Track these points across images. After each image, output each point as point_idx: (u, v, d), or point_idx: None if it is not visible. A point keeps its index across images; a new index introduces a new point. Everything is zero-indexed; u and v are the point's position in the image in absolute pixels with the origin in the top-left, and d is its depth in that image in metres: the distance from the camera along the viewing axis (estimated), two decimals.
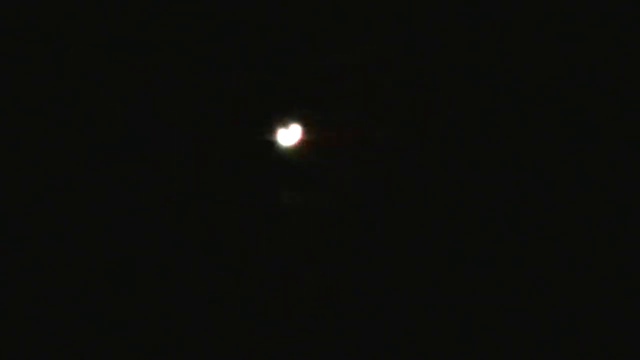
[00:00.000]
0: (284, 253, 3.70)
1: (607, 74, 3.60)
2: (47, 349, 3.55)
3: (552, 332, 3.47)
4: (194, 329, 3.61)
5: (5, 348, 3.54)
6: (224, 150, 3.75)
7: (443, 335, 3.53)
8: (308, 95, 3.74)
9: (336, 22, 3.72)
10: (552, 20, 3.63)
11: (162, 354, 3.59)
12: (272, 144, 3.70)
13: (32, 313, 3.58)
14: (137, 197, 3.70)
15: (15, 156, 3.68)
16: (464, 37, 3.67)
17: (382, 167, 3.71)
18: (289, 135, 3.70)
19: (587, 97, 3.61)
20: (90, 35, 3.71)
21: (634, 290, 3.47)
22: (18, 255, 3.63)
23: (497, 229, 3.60)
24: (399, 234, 3.66)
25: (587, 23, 3.61)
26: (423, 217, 3.65)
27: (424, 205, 3.66)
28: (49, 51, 3.71)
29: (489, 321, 3.51)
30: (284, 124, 3.67)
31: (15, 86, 3.70)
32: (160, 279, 3.66)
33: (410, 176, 3.69)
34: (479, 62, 3.68)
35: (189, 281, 3.67)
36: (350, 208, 3.72)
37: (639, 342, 3.41)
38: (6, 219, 3.65)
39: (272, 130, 3.69)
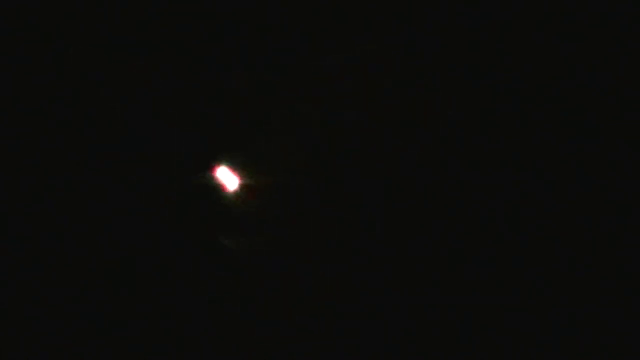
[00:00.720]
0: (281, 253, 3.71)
1: (607, 74, 3.60)
2: (47, 349, 3.55)
3: (552, 332, 3.47)
4: (194, 329, 3.61)
5: (5, 348, 3.54)
6: (224, 149, 3.75)
7: (443, 335, 3.53)
8: (308, 95, 3.74)
9: (336, 22, 3.72)
10: (552, 20, 3.63)
11: (162, 354, 3.59)
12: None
13: (32, 313, 3.58)
14: (137, 197, 3.70)
15: (15, 156, 3.68)
16: (464, 37, 3.67)
17: (382, 167, 3.71)
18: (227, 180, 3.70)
19: (587, 97, 3.61)
20: (90, 35, 3.71)
21: (634, 290, 3.47)
22: (18, 255, 3.63)
23: (497, 229, 3.60)
24: (398, 234, 3.66)
25: (587, 23, 3.61)
26: (423, 217, 3.65)
27: (424, 205, 3.66)
28: (49, 51, 3.71)
29: (489, 321, 3.51)
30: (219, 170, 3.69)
31: (15, 86, 3.70)
32: (160, 279, 3.66)
33: (410, 176, 3.69)
34: (479, 62, 3.68)
35: (189, 281, 3.67)
36: (350, 208, 3.72)
37: (639, 342, 3.41)
38: (6, 219, 3.66)
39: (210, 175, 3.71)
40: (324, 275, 3.66)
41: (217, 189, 3.71)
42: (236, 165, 3.72)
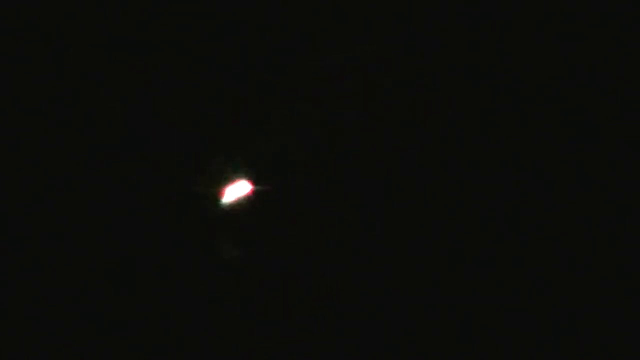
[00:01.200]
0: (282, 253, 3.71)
1: (607, 74, 3.60)
2: (47, 349, 3.55)
3: (552, 332, 3.47)
4: (194, 329, 3.61)
5: (5, 348, 3.54)
6: (224, 149, 3.75)
7: (443, 335, 3.53)
8: (308, 95, 3.74)
9: (336, 22, 3.72)
10: (552, 20, 3.63)
11: (162, 354, 3.59)
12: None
13: (32, 313, 3.58)
14: (137, 197, 3.70)
15: (15, 156, 3.68)
16: (464, 37, 3.68)
17: (382, 167, 3.71)
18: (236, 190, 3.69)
19: (587, 97, 3.61)
20: (90, 35, 3.71)
21: (634, 290, 3.47)
22: (18, 255, 3.63)
23: (497, 229, 3.60)
24: (398, 234, 3.66)
25: (587, 23, 3.61)
26: (423, 217, 3.65)
27: (424, 205, 3.66)
28: (49, 51, 3.71)
29: (489, 321, 3.51)
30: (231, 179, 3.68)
31: (15, 86, 3.70)
32: (160, 279, 3.66)
33: (410, 176, 3.69)
34: (479, 62, 3.68)
35: (189, 281, 3.67)
36: (350, 208, 3.72)
37: (639, 342, 3.41)
38: (6, 219, 3.66)
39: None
40: (324, 275, 3.66)
41: (216, 189, 3.71)
42: (236, 166, 3.72)
